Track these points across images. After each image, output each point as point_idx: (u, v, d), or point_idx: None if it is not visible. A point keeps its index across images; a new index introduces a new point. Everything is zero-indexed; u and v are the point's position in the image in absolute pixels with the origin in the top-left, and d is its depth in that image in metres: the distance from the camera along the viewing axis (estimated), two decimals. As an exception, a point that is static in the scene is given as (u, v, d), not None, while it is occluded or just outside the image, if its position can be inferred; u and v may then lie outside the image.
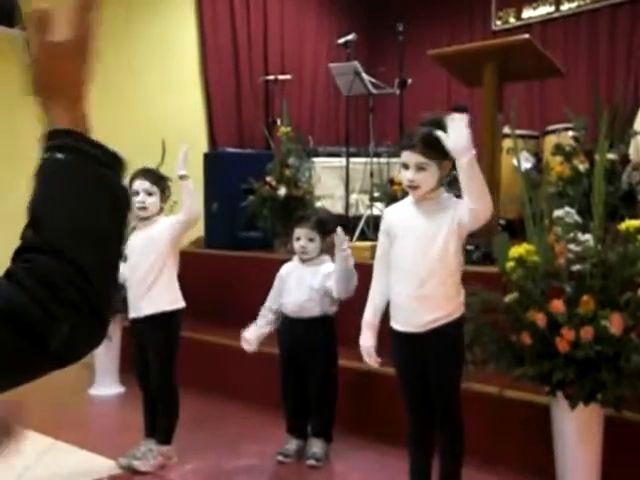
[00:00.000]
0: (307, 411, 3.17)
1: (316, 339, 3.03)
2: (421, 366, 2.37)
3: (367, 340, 2.46)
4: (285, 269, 3.21)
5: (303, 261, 3.15)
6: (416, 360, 2.38)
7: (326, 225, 3.14)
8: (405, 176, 2.31)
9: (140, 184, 3.04)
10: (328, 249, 3.17)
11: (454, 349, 2.31)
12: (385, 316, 2.49)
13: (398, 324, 2.38)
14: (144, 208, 3.06)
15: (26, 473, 2.96)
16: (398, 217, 2.42)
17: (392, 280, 2.39)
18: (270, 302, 3.18)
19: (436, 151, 2.26)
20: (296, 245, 3.13)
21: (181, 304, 3.14)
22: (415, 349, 2.36)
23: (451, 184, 2.52)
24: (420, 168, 2.27)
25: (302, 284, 3.09)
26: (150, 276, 3.06)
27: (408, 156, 2.29)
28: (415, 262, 2.31)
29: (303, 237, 3.10)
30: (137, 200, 3.04)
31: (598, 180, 2.54)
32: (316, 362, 3.08)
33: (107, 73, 5.71)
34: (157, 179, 3.10)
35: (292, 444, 3.14)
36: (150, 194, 3.05)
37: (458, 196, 2.34)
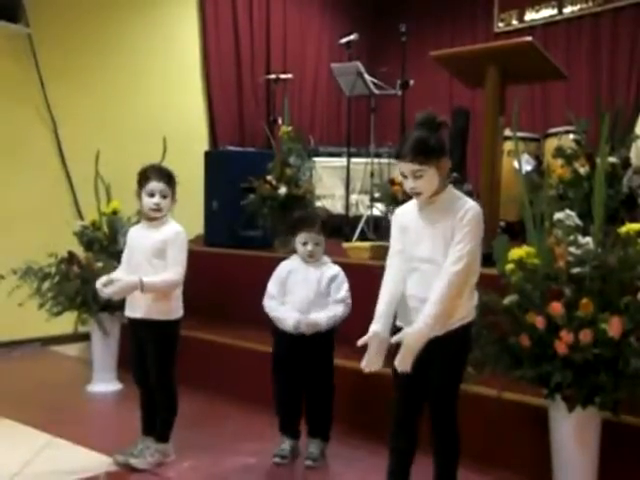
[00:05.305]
0: (300, 410, 3.15)
1: (314, 338, 3.01)
2: (423, 366, 2.34)
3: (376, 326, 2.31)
4: (286, 268, 3.14)
5: (307, 262, 3.11)
6: (418, 360, 2.35)
7: (329, 227, 3.15)
8: (406, 184, 2.32)
9: (156, 185, 3.00)
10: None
11: (462, 352, 2.29)
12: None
13: (407, 325, 2.34)
14: (159, 210, 3.03)
15: (24, 469, 2.96)
16: (409, 219, 2.39)
17: (406, 283, 2.35)
18: (277, 296, 3.09)
19: (428, 156, 2.25)
20: (302, 249, 3.08)
21: (175, 315, 3.06)
22: (421, 350, 2.32)
23: (454, 184, 2.51)
24: (417, 176, 2.26)
25: (309, 284, 3.05)
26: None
27: (403, 166, 2.30)
28: (426, 266, 2.29)
29: (310, 241, 3.06)
30: (152, 202, 3.00)
31: (599, 183, 2.54)
32: (313, 362, 3.07)
33: (109, 72, 5.72)
34: (170, 179, 3.06)
35: (286, 444, 3.13)
36: (165, 196, 3.02)
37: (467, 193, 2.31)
